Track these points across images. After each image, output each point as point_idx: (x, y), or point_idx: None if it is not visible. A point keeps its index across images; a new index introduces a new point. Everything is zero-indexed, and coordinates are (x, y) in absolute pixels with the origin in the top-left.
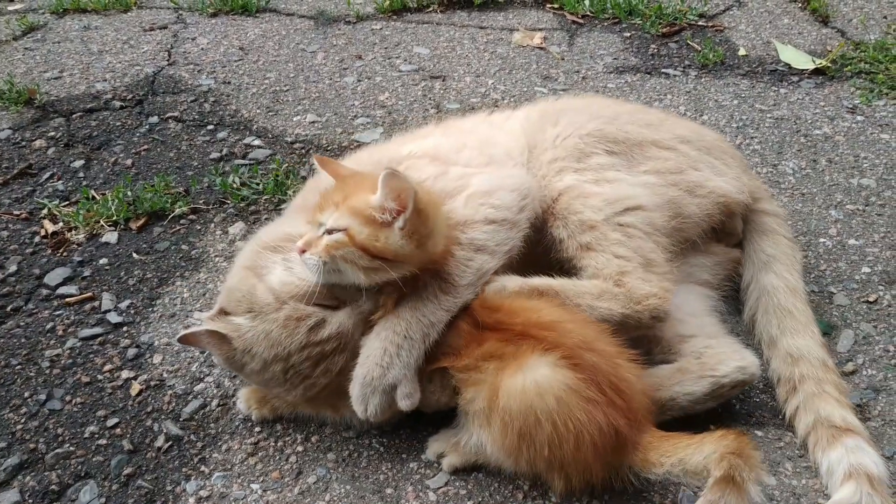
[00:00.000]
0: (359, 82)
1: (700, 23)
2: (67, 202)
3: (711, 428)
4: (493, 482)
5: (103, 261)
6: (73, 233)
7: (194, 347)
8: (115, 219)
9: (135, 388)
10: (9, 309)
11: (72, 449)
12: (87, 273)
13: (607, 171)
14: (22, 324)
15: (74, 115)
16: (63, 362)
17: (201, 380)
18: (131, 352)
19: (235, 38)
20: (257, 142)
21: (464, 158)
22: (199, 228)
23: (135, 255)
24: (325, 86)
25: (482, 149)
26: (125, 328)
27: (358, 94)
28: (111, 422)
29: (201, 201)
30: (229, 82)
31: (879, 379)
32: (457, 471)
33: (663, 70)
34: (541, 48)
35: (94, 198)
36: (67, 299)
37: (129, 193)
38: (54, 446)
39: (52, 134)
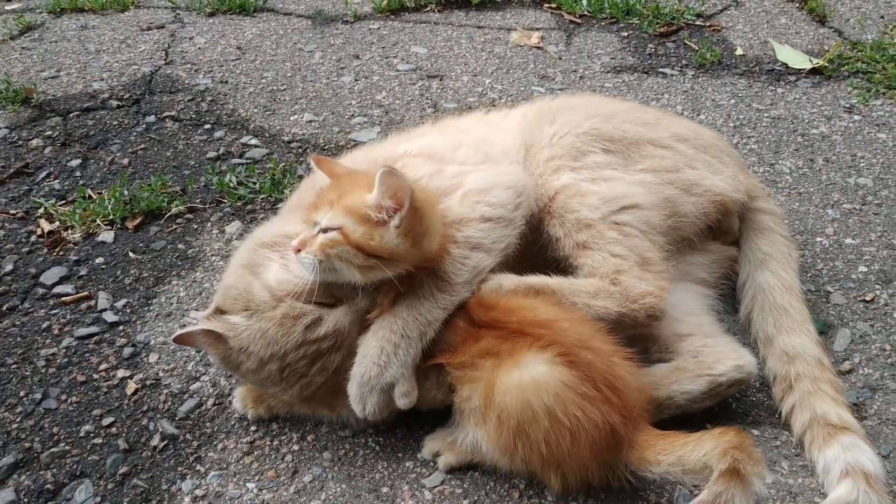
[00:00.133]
0: (356, 82)
1: (697, 22)
2: (64, 201)
3: (708, 427)
4: (489, 481)
5: (99, 260)
6: (70, 232)
7: (190, 347)
8: (111, 218)
9: (130, 387)
10: (4, 308)
11: (67, 448)
12: (83, 272)
13: (604, 169)
14: (18, 323)
15: (71, 115)
16: (59, 361)
17: (197, 379)
18: (127, 351)
19: (233, 37)
20: (254, 141)
21: (460, 157)
22: (196, 227)
23: (131, 254)
24: (323, 85)
25: (479, 147)
26: (121, 327)
27: (355, 93)
28: (107, 421)
29: (198, 200)
30: (226, 82)
31: (876, 378)
32: (453, 469)
33: (660, 69)
34: (538, 48)
35: (90, 197)
36: (63, 298)
37: (126, 192)
38: (50, 445)
39: (49, 133)
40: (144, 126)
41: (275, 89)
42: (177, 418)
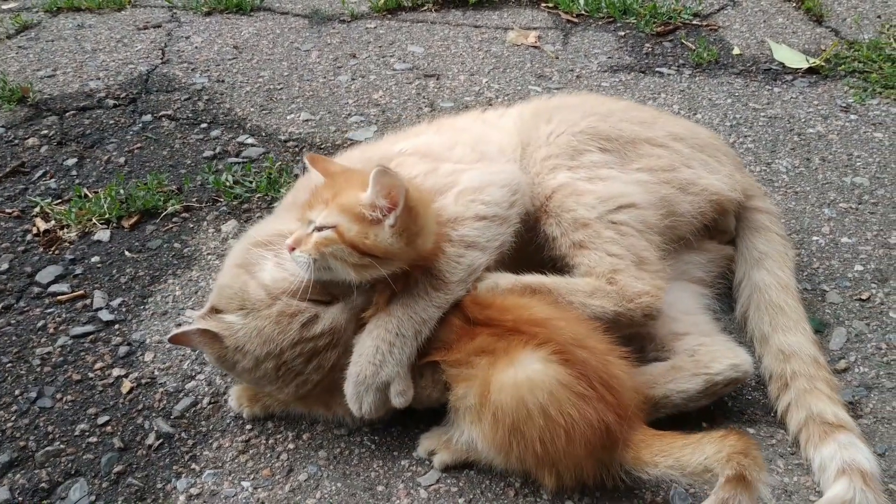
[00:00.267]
0: (353, 81)
1: (694, 22)
2: (60, 200)
3: (704, 426)
4: (484, 479)
5: (95, 259)
6: (66, 231)
7: (186, 347)
8: (107, 217)
9: (126, 385)
10: (0, 307)
11: (62, 447)
12: (78, 271)
13: (600, 168)
14: (13, 322)
15: (67, 114)
16: (54, 360)
17: (193, 377)
18: (122, 350)
19: (229, 36)
20: (251, 140)
21: (455, 156)
22: (192, 226)
23: (127, 253)
24: (319, 84)
25: (475, 146)
26: (117, 326)
27: (352, 92)
28: (102, 419)
29: (194, 199)
30: (223, 81)
31: (871, 376)
32: (448, 468)
33: (657, 69)
34: (535, 47)
35: (86, 196)
36: (59, 297)
37: (122, 191)
38: (45, 444)
39: (45, 132)
40: (141, 125)
41: (271, 88)
42: (172, 417)
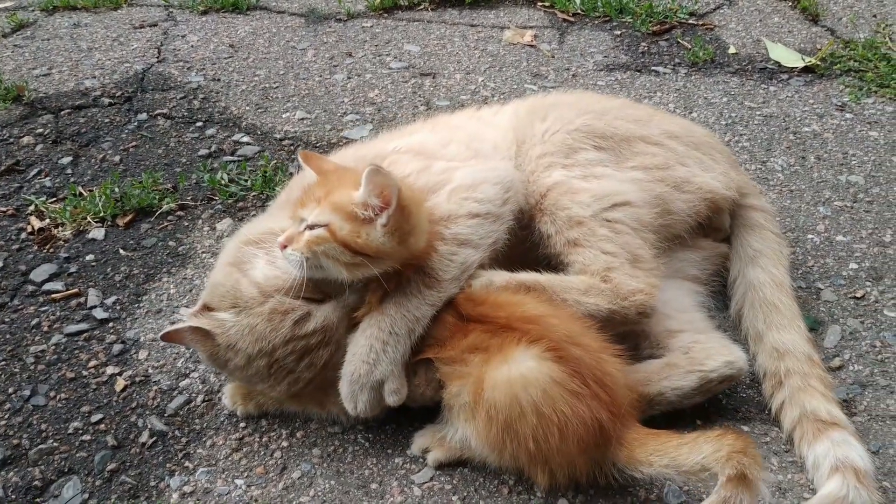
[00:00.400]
0: (349, 79)
1: (690, 21)
2: (55, 199)
3: (699, 423)
4: (478, 477)
5: (90, 257)
6: (60, 229)
7: (177, 345)
8: (102, 215)
9: (120, 383)
10: None
11: (55, 445)
12: (73, 269)
13: (595, 166)
14: (7, 320)
15: (63, 112)
16: (48, 358)
17: (187, 375)
18: (116, 348)
19: (226, 35)
20: (246, 138)
21: (450, 153)
22: (187, 225)
23: (121, 251)
24: (315, 83)
25: (469, 144)
26: (111, 324)
27: (348, 91)
28: (95, 417)
29: (189, 198)
30: (219, 79)
31: (866, 374)
32: (441, 466)
33: (653, 68)
34: (531, 46)
35: (81, 194)
36: (53, 295)
37: (117, 190)
38: (38, 442)
39: (41, 131)
40: (136, 124)
41: (267, 87)
42: (166, 415)
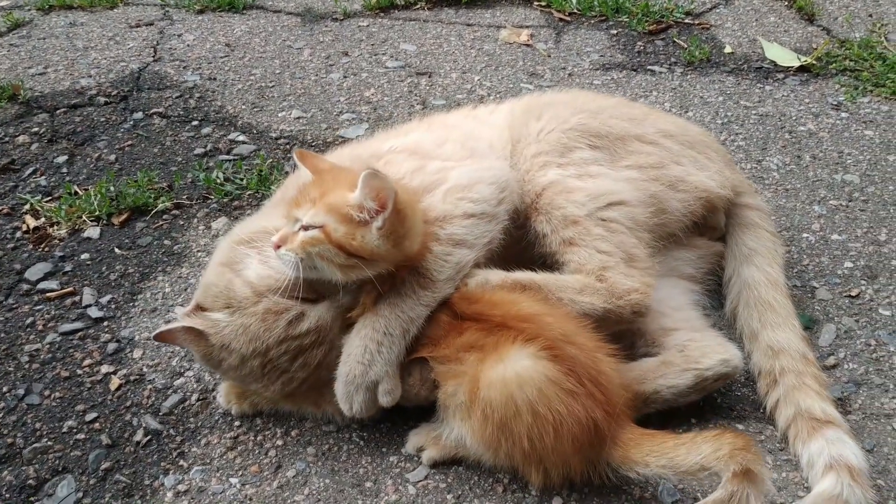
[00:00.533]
0: (345, 78)
1: (687, 20)
2: (50, 198)
3: (693, 421)
4: (473, 475)
5: (85, 256)
6: (55, 228)
7: (170, 345)
8: (97, 214)
9: (114, 382)
10: None
11: (50, 443)
12: (68, 268)
13: (590, 165)
14: (1, 319)
15: (58, 111)
16: (42, 357)
17: (181, 374)
18: (111, 346)
19: (222, 34)
20: (242, 137)
21: (445, 153)
22: (182, 224)
23: (117, 250)
24: (311, 82)
25: (464, 143)
26: (105, 323)
27: (343, 90)
28: (90, 416)
29: (185, 197)
30: (215, 78)
31: (860, 373)
32: (436, 464)
33: (649, 67)
34: (527, 45)
35: (76, 193)
36: (48, 294)
37: (112, 189)
38: (32, 441)
39: (36, 129)
40: (132, 123)
41: (263, 86)
42: (160, 414)
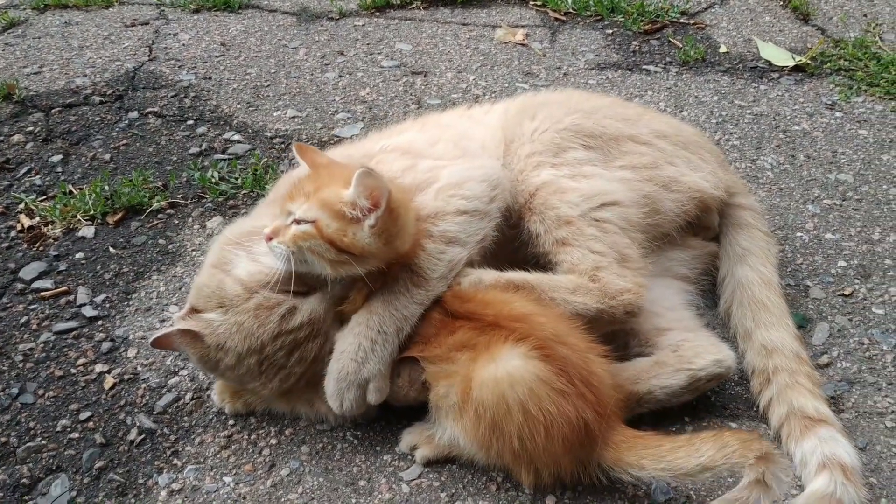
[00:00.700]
0: (340, 78)
1: (682, 20)
2: (44, 197)
3: (686, 420)
4: (466, 474)
5: (79, 255)
6: (50, 227)
7: (168, 350)
8: (92, 213)
9: (108, 381)
10: None
11: (43, 442)
12: (62, 267)
13: (584, 165)
14: None
15: (53, 110)
16: (36, 356)
17: (175, 373)
18: (105, 345)
19: (217, 33)
20: (237, 137)
21: (437, 152)
22: (177, 223)
23: (111, 249)
24: (307, 81)
25: (457, 142)
26: (100, 322)
27: (339, 89)
28: (84, 415)
29: (179, 196)
30: (210, 78)
31: (854, 371)
32: (430, 463)
33: (644, 67)
34: (523, 45)
35: (71, 192)
36: (42, 293)
37: (107, 188)
38: (26, 440)
39: (31, 129)
40: (127, 122)
41: (258, 85)
42: (154, 413)
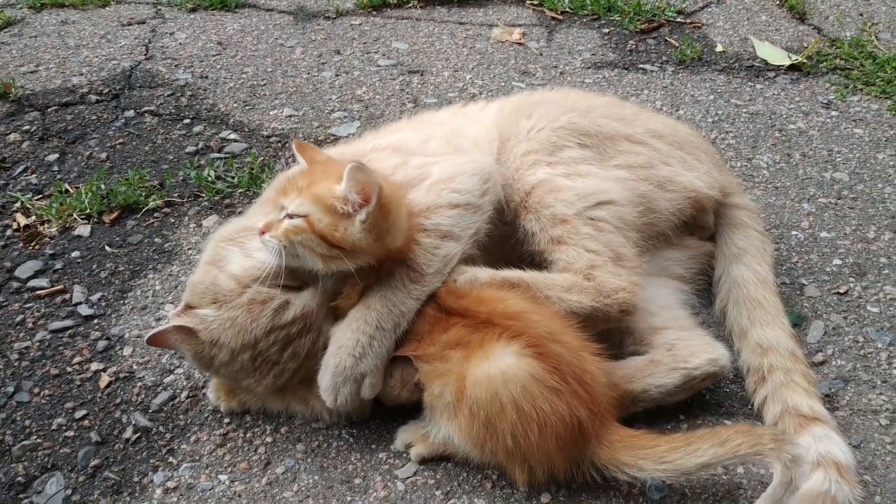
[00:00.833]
0: (337, 77)
1: (678, 19)
2: (41, 195)
3: (681, 418)
4: (461, 472)
5: (75, 254)
6: (46, 226)
7: (163, 348)
8: (88, 212)
9: (104, 380)
10: None
11: (39, 441)
12: (58, 266)
13: (579, 164)
14: None
15: (50, 109)
16: (32, 354)
17: (171, 372)
18: (101, 344)
19: (214, 32)
20: (233, 135)
21: (430, 149)
22: (173, 222)
23: (107, 247)
24: (303, 80)
25: (450, 140)
26: (96, 321)
27: (335, 88)
28: (79, 414)
29: (176, 195)
30: (207, 77)
31: (848, 369)
32: (425, 461)
33: (641, 66)
34: (520, 44)
35: (67, 191)
36: (38, 292)
37: (103, 187)
38: (21, 438)
39: (27, 128)
40: (123, 121)
41: (255, 84)
42: (150, 411)
